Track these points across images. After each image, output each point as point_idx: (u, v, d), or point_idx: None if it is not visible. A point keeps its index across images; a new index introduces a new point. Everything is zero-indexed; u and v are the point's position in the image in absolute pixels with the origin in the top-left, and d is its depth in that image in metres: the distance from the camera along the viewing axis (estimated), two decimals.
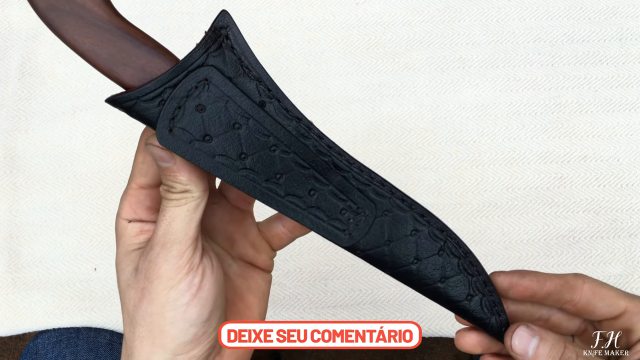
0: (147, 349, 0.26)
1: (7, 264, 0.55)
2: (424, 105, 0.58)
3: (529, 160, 0.57)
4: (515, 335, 0.28)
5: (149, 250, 0.26)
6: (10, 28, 0.60)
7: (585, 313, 0.30)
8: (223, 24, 0.24)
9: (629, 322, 0.30)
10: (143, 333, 0.26)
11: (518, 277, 0.30)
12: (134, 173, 0.28)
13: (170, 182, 0.25)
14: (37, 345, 0.53)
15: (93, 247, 0.55)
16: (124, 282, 0.27)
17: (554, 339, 0.28)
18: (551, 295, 0.30)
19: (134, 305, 0.26)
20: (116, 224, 0.28)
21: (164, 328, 0.26)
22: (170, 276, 0.25)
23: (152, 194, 0.28)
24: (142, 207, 0.28)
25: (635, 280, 0.55)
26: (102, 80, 0.58)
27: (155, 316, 0.26)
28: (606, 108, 0.58)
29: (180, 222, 0.25)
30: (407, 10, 0.60)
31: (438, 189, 0.56)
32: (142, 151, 0.28)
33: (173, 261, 0.25)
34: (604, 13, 0.60)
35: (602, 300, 0.30)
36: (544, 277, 0.30)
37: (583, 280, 0.30)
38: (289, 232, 0.32)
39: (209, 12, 0.60)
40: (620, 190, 0.56)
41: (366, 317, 0.54)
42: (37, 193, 0.56)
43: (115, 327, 0.54)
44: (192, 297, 0.26)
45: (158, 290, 0.25)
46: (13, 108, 0.58)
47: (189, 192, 0.25)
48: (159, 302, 0.25)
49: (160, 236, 0.25)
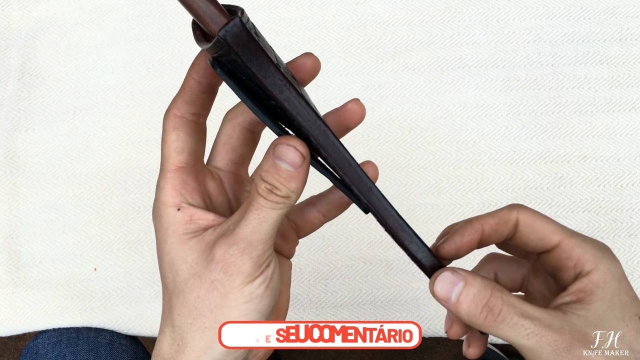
0: (209, 339, 0.26)
1: (7, 264, 0.55)
2: (424, 105, 0.58)
3: (529, 160, 0.57)
4: (438, 281, 0.27)
5: (231, 245, 0.25)
6: (10, 28, 0.60)
7: (520, 244, 0.30)
8: None
9: (559, 258, 0.29)
10: (207, 324, 0.26)
11: (459, 237, 0.29)
12: (169, 154, 0.27)
13: (278, 184, 0.25)
14: (37, 345, 0.53)
15: (93, 247, 0.55)
16: (186, 270, 0.26)
17: (480, 285, 0.26)
18: (491, 235, 0.29)
19: (199, 296, 0.26)
20: (158, 211, 0.27)
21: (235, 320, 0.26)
22: (250, 272, 0.25)
23: (193, 173, 0.28)
24: (188, 189, 0.27)
25: (635, 280, 0.55)
26: (102, 80, 0.58)
27: (226, 309, 0.25)
28: (606, 108, 0.58)
29: (270, 225, 0.25)
30: (407, 10, 0.60)
31: (438, 189, 0.56)
32: (174, 129, 0.27)
33: (257, 259, 0.25)
34: (604, 13, 0.60)
35: (534, 232, 0.29)
36: (480, 224, 0.29)
37: (517, 211, 0.29)
38: (323, 217, 0.32)
39: None
40: (620, 190, 0.56)
41: (366, 317, 0.54)
42: (37, 193, 0.56)
43: (115, 327, 0.54)
44: (265, 289, 0.26)
45: (235, 284, 0.25)
46: (13, 108, 0.58)
47: (289, 199, 0.25)
48: (233, 296, 0.25)
49: (247, 234, 0.25)
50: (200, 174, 0.28)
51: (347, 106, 0.29)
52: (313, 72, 0.28)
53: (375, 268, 0.55)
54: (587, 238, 0.29)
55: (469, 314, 0.26)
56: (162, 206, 0.27)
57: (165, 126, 0.27)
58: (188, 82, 0.27)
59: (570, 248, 0.28)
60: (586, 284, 0.27)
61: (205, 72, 0.26)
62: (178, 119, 0.27)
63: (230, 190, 0.30)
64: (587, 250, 0.28)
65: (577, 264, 0.28)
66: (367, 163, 0.30)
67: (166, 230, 0.27)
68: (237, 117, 0.30)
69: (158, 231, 0.27)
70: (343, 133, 0.30)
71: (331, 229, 0.56)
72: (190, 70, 0.27)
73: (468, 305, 0.26)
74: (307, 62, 0.28)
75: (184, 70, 0.62)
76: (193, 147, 0.27)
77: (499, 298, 0.26)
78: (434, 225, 0.56)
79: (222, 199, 0.30)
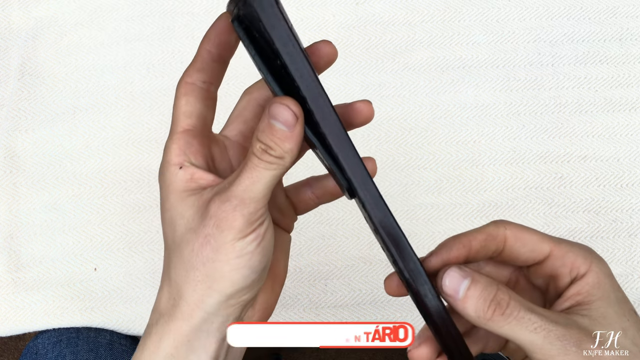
0: (201, 292, 0.27)
1: (7, 264, 0.55)
2: (424, 105, 0.58)
3: (529, 160, 0.57)
4: (446, 276, 0.27)
5: (225, 201, 0.26)
6: (10, 28, 0.60)
7: (510, 259, 0.30)
8: None
9: (553, 267, 0.29)
10: (199, 277, 0.27)
11: (446, 251, 0.29)
12: (178, 117, 0.29)
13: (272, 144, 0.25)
14: (37, 345, 0.53)
15: (93, 247, 0.55)
16: (183, 226, 0.27)
17: (487, 281, 0.27)
18: (479, 252, 0.29)
19: (193, 250, 0.27)
20: (163, 170, 0.28)
21: (226, 274, 0.26)
22: (241, 229, 0.26)
23: (199, 136, 0.29)
24: (192, 150, 0.28)
25: (635, 280, 0.55)
26: (102, 80, 0.58)
27: (217, 263, 0.26)
28: (606, 108, 0.58)
29: (263, 185, 0.26)
30: (407, 10, 0.60)
31: (438, 189, 0.56)
32: (184, 95, 0.28)
33: (248, 217, 0.26)
34: (604, 13, 0.60)
35: (524, 245, 0.29)
36: (468, 239, 0.29)
37: (505, 227, 0.29)
38: (317, 199, 0.33)
39: (209, 12, 0.60)
40: (620, 190, 0.56)
41: (366, 317, 0.54)
42: (37, 193, 0.56)
43: (115, 327, 0.54)
44: (256, 246, 0.27)
45: (227, 239, 0.26)
46: (13, 108, 0.58)
47: (283, 160, 0.26)
48: (225, 251, 0.26)
49: (240, 191, 0.26)
50: (206, 139, 0.29)
51: (356, 104, 0.30)
52: (328, 59, 0.29)
53: (375, 268, 0.55)
54: (574, 243, 0.29)
55: (476, 309, 0.26)
56: (166, 164, 0.28)
57: (177, 92, 0.29)
58: (200, 51, 0.28)
59: (562, 255, 0.29)
60: (582, 286, 0.28)
61: (215, 42, 0.28)
62: (189, 85, 0.28)
63: (234, 159, 0.31)
64: (578, 254, 0.28)
65: (572, 269, 0.28)
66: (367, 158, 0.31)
67: (168, 187, 0.28)
68: (252, 93, 0.31)
69: (161, 189, 0.29)
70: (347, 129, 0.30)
71: (331, 228, 0.56)
72: (203, 40, 0.28)
73: (476, 300, 0.26)
74: (323, 48, 0.29)
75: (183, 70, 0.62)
76: (201, 113, 0.29)
77: (506, 293, 0.26)
78: (434, 225, 0.56)
79: (225, 165, 0.31)
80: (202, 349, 0.28)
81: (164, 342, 0.28)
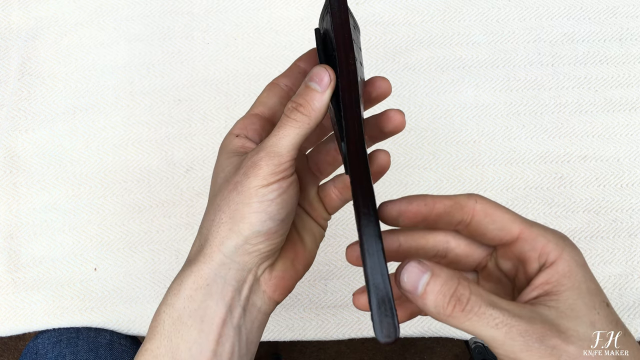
0: (224, 233, 0.30)
1: (7, 264, 0.55)
2: (424, 105, 0.58)
3: (529, 160, 0.57)
4: (404, 271, 0.26)
5: (255, 153, 0.30)
6: (10, 28, 0.60)
7: (476, 235, 0.29)
8: None
9: (521, 250, 0.28)
10: (224, 219, 0.30)
11: (406, 203, 0.29)
12: (255, 103, 0.34)
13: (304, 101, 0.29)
14: (37, 345, 0.53)
15: (93, 247, 0.55)
16: (222, 178, 0.31)
17: (447, 275, 0.25)
18: (442, 217, 0.29)
19: (223, 196, 0.30)
20: (225, 138, 0.33)
21: (246, 215, 0.29)
22: (265, 176, 0.29)
23: (262, 121, 0.33)
24: (251, 128, 0.33)
25: (635, 280, 0.55)
26: (102, 80, 0.58)
27: (240, 205, 0.29)
28: (606, 108, 0.58)
29: (289, 141, 0.29)
30: (407, 10, 0.60)
31: (438, 189, 0.56)
32: (267, 90, 0.34)
33: (272, 167, 0.29)
34: (604, 13, 0.60)
35: (493, 222, 0.28)
36: (433, 200, 0.29)
37: (475, 200, 0.28)
38: (340, 194, 0.35)
39: (209, 12, 0.60)
40: (620, 190, 0.56)
41: (366, 317, 0.54)
42: (37, 193, 0.56)
43: (115, 327, 0.54)
44: (277, 196, 0.29)
45: (251, 185, 0.29)
46: (13, 108, 0.58)
47: (309, 119, 0.29)
48: (248, 194, 0.29)
49: (269, 145, 0.29)
50: (269, 124, 0.34)
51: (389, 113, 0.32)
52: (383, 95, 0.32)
53: None
54: (547, 228, 0.28)
55: (436, 305, 0.25)
56: (228, 134, 0.33)
57: (263, 90, 0.34)
58: (292, 66, 0.34)
59: (532, 238, 0.27)
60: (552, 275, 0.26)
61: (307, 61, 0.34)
62: (274, 85, 0.34)
63: None
64: (550, 239, 0.27)
65: (542, 254, 0.27)
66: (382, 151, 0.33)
67: (222, 150, 0.33)
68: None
69: (219, 153, 0.33)
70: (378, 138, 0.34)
71: (331, 228, 0.56)
72: (299, 58, 0.34)
73: (435, 296, 0.25)
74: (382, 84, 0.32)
75: (184, 70, 0.62)
76: (274, 105, 0.34)
77: (466, 287, 0.25)
78: None
79: None
80: (219, 294, 0.30)
81: (185, 284, 0.30)
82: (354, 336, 0.54)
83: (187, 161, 0.57)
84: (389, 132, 0.32)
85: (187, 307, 0.30)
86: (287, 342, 0.85)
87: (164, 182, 0.56)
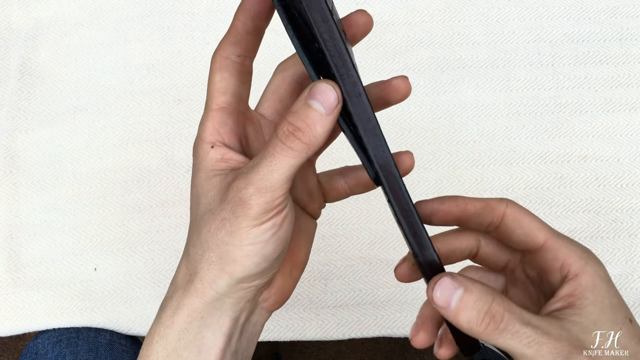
0: (214, 272, 0.27)
1: (7, 264, 0.55)
2: (424, 105, 0.58)
3: (529, 160, 0.57)
4: (437, 287, 0.25)
5: (243, 187, 0.26)
6: (10, 28, 0.60)
7: (504, 238, 0.29)
8: None
9: (545, 259, 0.28)
10: (213, 258, 0.27)
11: (439, 203, 0.29)
12: (213, 93, 0.28)
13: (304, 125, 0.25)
14: (37, 345, 0.53)
15: (93, 247, 0.55)
16: (205, 205, 0.27)
17: (480, 291, 0.25)
18: (472, 218, 0.29)
19: (209, 230, 0.27)
20: (196, 146, 0.28)
21: (238, 259, 0.26)
22: (257, 217, 0.26)
23: (234, 114, 0.28)
24: (226, 129, 0.28)
25: (635, 280, 0.55)
26: (102, 80, 0.58)
27: (231, 247, 0.26)
28: (606, 108, 0.58)
29: (283, 174, 0.25)
30: (407, 10, 0.60)
31: (438, 189, 0.56)
32: (218, 70, 0.28)
33: (264, 206, 0.25)
34: (604, 13, 0.60)
35: (520, 227, 0.28)
36: (465, 202, 0.29)
37: (506, 204, 0.29)
38: (349, 189, 0.33)
39: (209, 12, 0.60)
40: (620, 190, 0.56)
41: (366, 317, 0.54)
42: (37, 193, 0.56)
43: (115, 327, 0.54)
44: (272, 235, 0.26)
45: (241, 226, 0.26)
46: (13, 108, 0.58)
47: (308, 147, 0.25)
48: (239, 236, 0.26)
49: (259, 179, 0.25)
50: (241, 116, 0.29)
51: (393, 81, 0.29)
52: (365, 29, 0.28)
53: (375, 268, 0.55)
54: (572, 240, 0.28)
55: (469, 322, 0.25)
56: (199, 141, 0.28)
57: (212, 66, 0.28)
58: (234, 23, 0.27)
59: (556, 248, 0.28)
60: (575, 288, 0.27)
61: (250, 14, 0.27)
62: (223, 59, 0.28)
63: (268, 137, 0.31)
64: (574, 251, 0.28)
65: (564, 265, 0.27)
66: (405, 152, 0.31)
67: (199, 164, 0.28)
68: (288, 69, 0.30)
69: (193, 165, 0.29)
70: (382, 107, 0.30)
71: (331, 228, 0.56)
72: (237, 12, 0.27)
73: (469, 312, 0.25)
74: (359, 18, 0.28)
75: (184, 70, 0.62)
76: (237, 89, 0.28)
77: (500, 304, 0.25)
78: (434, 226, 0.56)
79: (259, 144, 0.30)
80: (216, 325, 0.28)
81: (178, 317, 0.28)
82: (354, 336, 0.54)
83: (187, 161, 0.57)
84: (395, 102, 0.30)
85: (182, 339, 0.28)
86: (287, 342, 0.85)
87: (164, 182, 0.56)
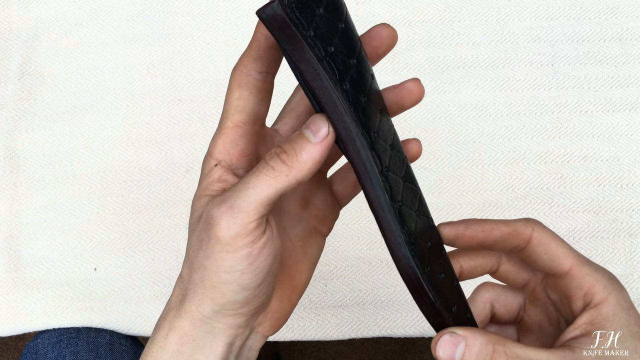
0: (199, 296, 0.26)
1: (7, 264, 0.55)
2: (424, 105, 0.58)
3: (529, 160, 0.57)
4: (438, 346, 0.26)
5: (217, 204, 0.24)
6: (10, 28, 0.60)
7: (529, 261, 0.29)
8: None
9: (569, 286, 0.28)
10: (197, 280, 0.26)
11: (464, 227, 0.29)
12: (229, 110, 0.27)
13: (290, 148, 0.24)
14: (37, 345, 0.53)
15: (93, 247, 0.55)
16: (191, 225, 0.27)
17: (482, 342, 0.26)
18: (498, 242, 0.29)
19: (193, 251, 0.26)
20: (204, 160, 0.27)
21: (217, 285, 0.25)
22: (228, 242, 0.24)
23: (248, 133, 0.27)
24: (236, 149, 0.27)
25: (635, 280, 0.55)
26: (102, 80, 0.58)
27: (209, 272, 0.25)
28: (606, 108, 0.58)
29: (259, 194, 0.24)
30: (407, 10, 0.60)
31: (438, 189, 0.56)
32: (237, 87, 0.26)
33: (235, 229, 0.24)
34: (604, 13, 0.60)
35: (546, 252, 0.28)
36: (491, 227, 0.28)
37: (533, 227, 0.28)
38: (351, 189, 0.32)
39: (209, 12, 0.60)
40: (620, 190, 0.56)
41: (366, 317, 0.54)
42: (37, 193, 0.56)
43: (115, 327, 0.54)
44: (248, 266, 0.25)
45: (214, 250, 0.24)
46: (13, 108, 0.58)
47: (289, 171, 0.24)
48: (214, 261, 0.25)
49: (232, 195, 0.24)
50: (255, 136, 0.28)
51: (406, 85, 0.28)
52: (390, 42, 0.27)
53: (375, 268, 0.55)
54: (598, 266, 0.28)
55: None
56: (207, 156, 0.27)
57: (231, 82, 0.27)
58: (256, 36, 0.26)
59: (581, 277, 0.28)
60: (595, 317, 0.27)
61: None
62: (244, 76, 0.26)
63: None
64: (598, 280, 0.27)
65: (587, 294, 0.27)
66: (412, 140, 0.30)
67: (200, 180, 0.27)
68: None
69: (200, 178, 0.28)
70: (398, 111, 0.30)
71: None
72: (259, 25, 0.25)
73: None
74: (383, 31, 0.27)
75: (184, 70, 0.62)
76: (254, 108, 0.27)
77: (502, 353, 0.26)
78: None
79: None
80: (209, 348, 0.27)
81: (171, 338, 0.27)
82: (354, 336, 0.54)
83: (187, 161, 0.57)
84: (409, 106, 0.29)
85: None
86: (287, 342, 0.85)
87: (164, 182, 0.57)
